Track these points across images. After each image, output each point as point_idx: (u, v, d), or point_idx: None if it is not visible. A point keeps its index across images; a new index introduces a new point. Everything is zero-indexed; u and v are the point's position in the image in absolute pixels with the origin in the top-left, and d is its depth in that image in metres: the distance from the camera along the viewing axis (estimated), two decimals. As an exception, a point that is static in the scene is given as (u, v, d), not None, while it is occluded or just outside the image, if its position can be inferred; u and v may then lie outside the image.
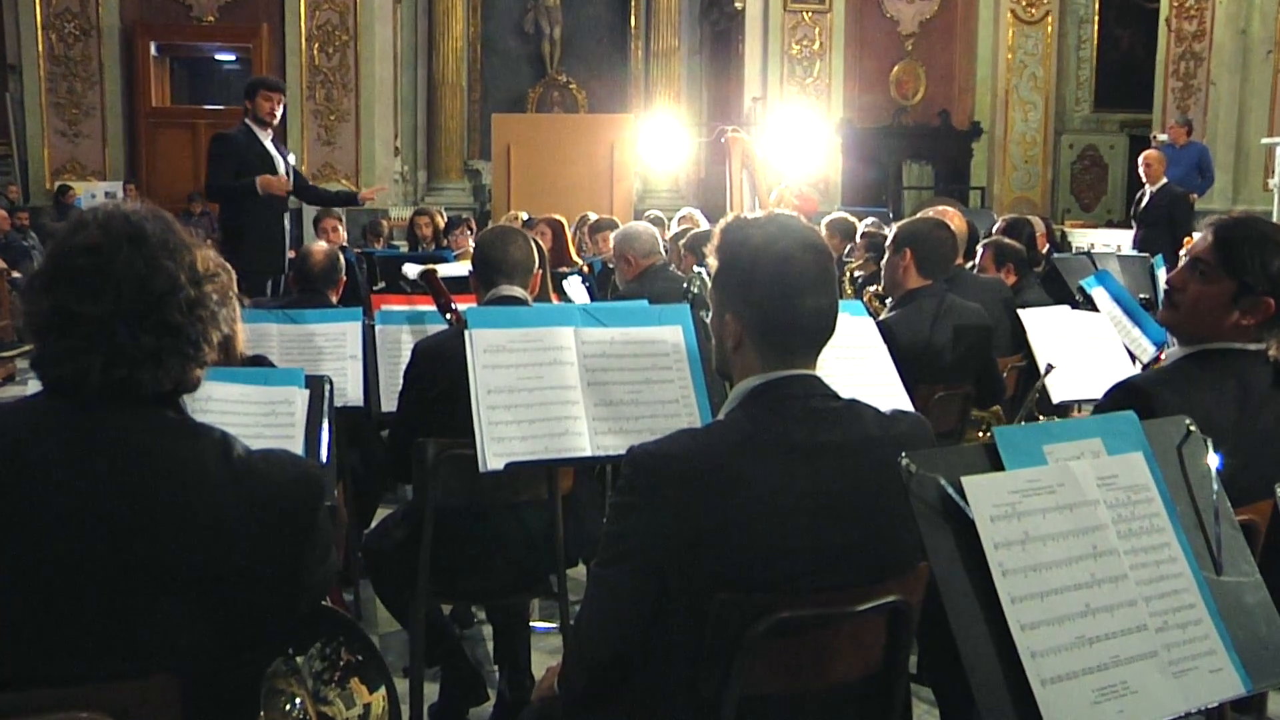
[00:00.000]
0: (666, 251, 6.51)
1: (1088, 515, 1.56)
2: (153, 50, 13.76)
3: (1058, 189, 15.61)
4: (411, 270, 5.14)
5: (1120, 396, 2.16)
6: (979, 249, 5.19)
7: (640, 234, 5.26)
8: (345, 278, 4.57)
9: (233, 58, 15.51)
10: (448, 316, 3.75)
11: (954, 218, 4.70)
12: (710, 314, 1.89)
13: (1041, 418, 3.65)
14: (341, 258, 4.56)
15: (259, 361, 2.91)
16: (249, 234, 6.30)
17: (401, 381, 3.18)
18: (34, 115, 13.35)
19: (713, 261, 1.85)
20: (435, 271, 3.97)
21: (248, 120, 6.42)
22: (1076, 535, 1.53)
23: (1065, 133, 15.60)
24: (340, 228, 8.09)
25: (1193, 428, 1.73)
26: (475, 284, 3.28)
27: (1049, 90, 15.20)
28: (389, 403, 3.64)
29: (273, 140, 6.54)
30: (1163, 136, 11.39)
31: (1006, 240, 5.32)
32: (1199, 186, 10.42)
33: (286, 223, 6.66)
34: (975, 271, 5.03)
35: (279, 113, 6.48)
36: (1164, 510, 1.63)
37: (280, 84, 6.69)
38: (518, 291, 3.18)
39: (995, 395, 3.98)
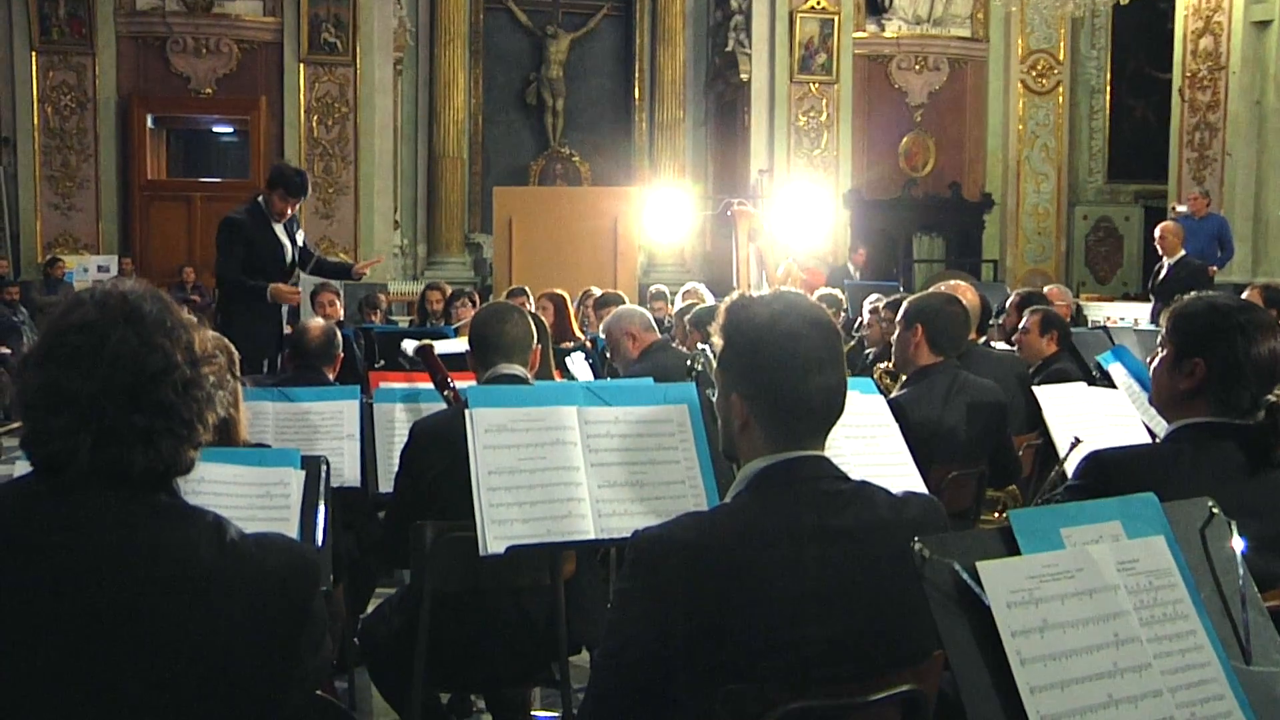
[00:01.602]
0: (671, 328, 6.54)
1: (1108, 601, 1.55)
2: (149, 122, 13.96)
3: (1072, 261, 15.71)
4: (410, 346, 5.16)
5: (1086, 469, 2.25)
6: (1025, 314, 5.22)
7: (634, 312, 5.38)
8: (342, 354, 4.60)
9: (230, 130, 15.73)
10: (445, 394, 3.76)
11: (966, 291, 4.73)
12: (716, 393, 1.90)
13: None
14: (339, 334, 4.58)
15: (259, 448, 2.92)
16: (245, 309, 6.34)
17: (398, 463, 3.19)
18: (27, 188, 13.52)
19: (717, 340, 1.87)
20: (432, 347, 3.99)
21: (260, 201, 6.48)
22: (1097, 622, 1.53)
23: (1079, 204, 15.74)
24: (338, 302, 8.15)
25: (1215, 510, 1.72)
26: (472, 363, 3.30)
27: (1061, 161, 15.38)
28: (386, 483, 3.63)
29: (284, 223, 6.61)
30: (1181, 208, 11.48)
31: (1053, 309, 5.35)
32: (1219, 260, 10.48)
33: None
34: (1016, 337, 5.06)
35: (290, 213, 6.56)
36: (1188, 596, 1.62)
37: (305, 189, 6.71)
38: (517, 370, 3.20)
39: (1011, 475, 3.97)
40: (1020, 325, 5.19)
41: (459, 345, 4.87)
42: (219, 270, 6.49)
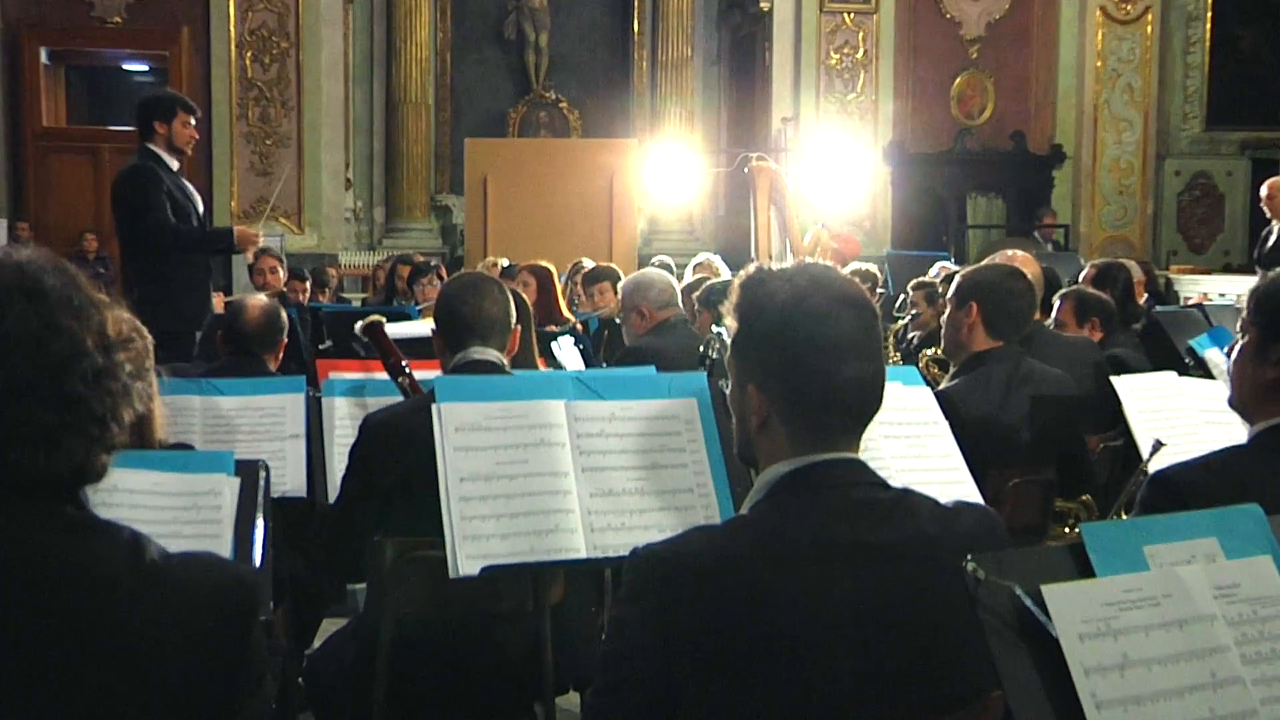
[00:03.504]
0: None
1: (1203, 634, 1.56)
2: (44, 58, 13.88)
3: (1160, 226, 15.68)
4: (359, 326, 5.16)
5: (1151, 493, 2.25)
6: (1056, 301, 5.22)
7: (655, 282, 5.42)
8: (286, 339, 4.59)
9: (145, 68, 15.69)
10: (400, 381, 3.77)
11: (1030, 263, 4.75)
12: (730, 385, 1.91)
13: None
14: (283, 313, 4.58)
15: (181, 449, 2.93)
16: (168, 283, 6.32)
17: (348, 462, 3.20)
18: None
19: (731, 322, 1.88)
20: (381, 324, 3.99)
21: (154, 148, 6.44)
22: (1189, 659, 1.53)
23: (1169, 157, 15.70)
24: (280, 269, 8.13)
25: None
26: (440, 346, 3.31)
27: (1149, 104, 15.32)
28: (336, 493, 3.64)
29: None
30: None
31: (1090, 290, 5.35)
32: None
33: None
34: (1054, 328, 5.07)
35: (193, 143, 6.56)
36: (1302, 628, 1.63)
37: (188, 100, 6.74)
38: (492, 355, 3.21)
39: (1084, 482, 3.98)
40: (1053, 316, 5.19)
41: (421, 328, 4.88)
42: (165, 227, 6.31)
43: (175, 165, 6.50)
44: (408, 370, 3.79)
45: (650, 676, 1.67)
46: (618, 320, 6.15)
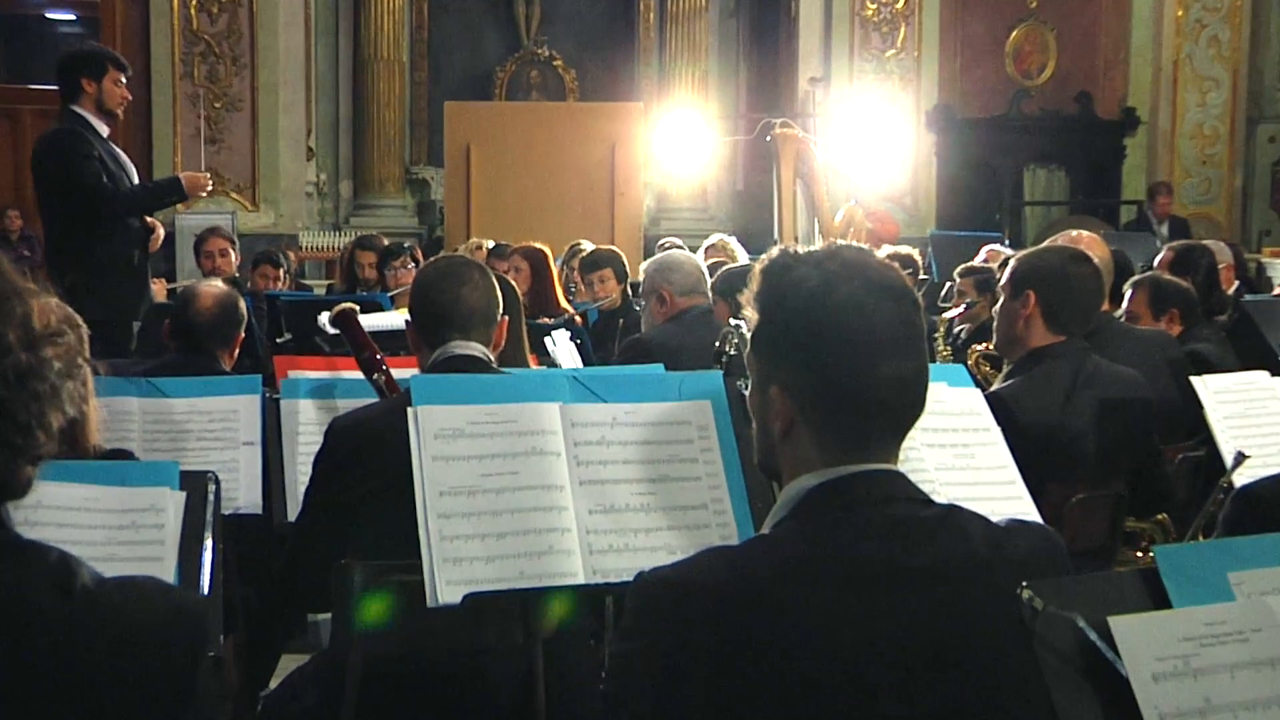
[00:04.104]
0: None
1: (1299, 674, 1.56)
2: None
3: (1251, 203, 15.63)
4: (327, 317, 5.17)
5: (1236, 511, 2.28)
6: (1127, 289, 5.22)
7: (683, 264, 5.50)
8: (243, 333, 4.60)
9: (71, 17, 15.69)
10: (375, 378, 3.77)
11: (1097, 245, 4.73)
12: (749, 386, 1.91)
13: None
14: (241, 303, 4.58)
15: (119, 456, 2.94)
16: (100, 265, 6.33)
17: (311, 472, 3.21)
18: None
19: (751, 314, 1.89)
20: (354, 311, 3.99)
21: (80, 110, 6.44)
22: (1283, 703, 1.54)
23: (1262, 121, 15.64)
24: (232, 251, 8.12)
25: None
26: (415, 341, 3.32)
27: (1239, 61, 15.26)
28: (298, 509, 3.65)
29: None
30: None
31: (1168, 277, 5.35)
32: None
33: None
34: (1126, 320, 5.06)
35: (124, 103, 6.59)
36: None
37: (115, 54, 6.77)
38: (476, 350, 3.22)
39: (1159, 498, 3.98)
40: (1124, 307, 5.18)
41: (394, 319, 4.89)
42: (89, 191, 6.32)
43: (105, 130, 6.51)
44: (384, 367, 3.79)
45: (658, 718, 1.67)
46: (638, 308, 6.17)
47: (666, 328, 5.23)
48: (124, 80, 6.51)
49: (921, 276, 8.53)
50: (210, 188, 6.70)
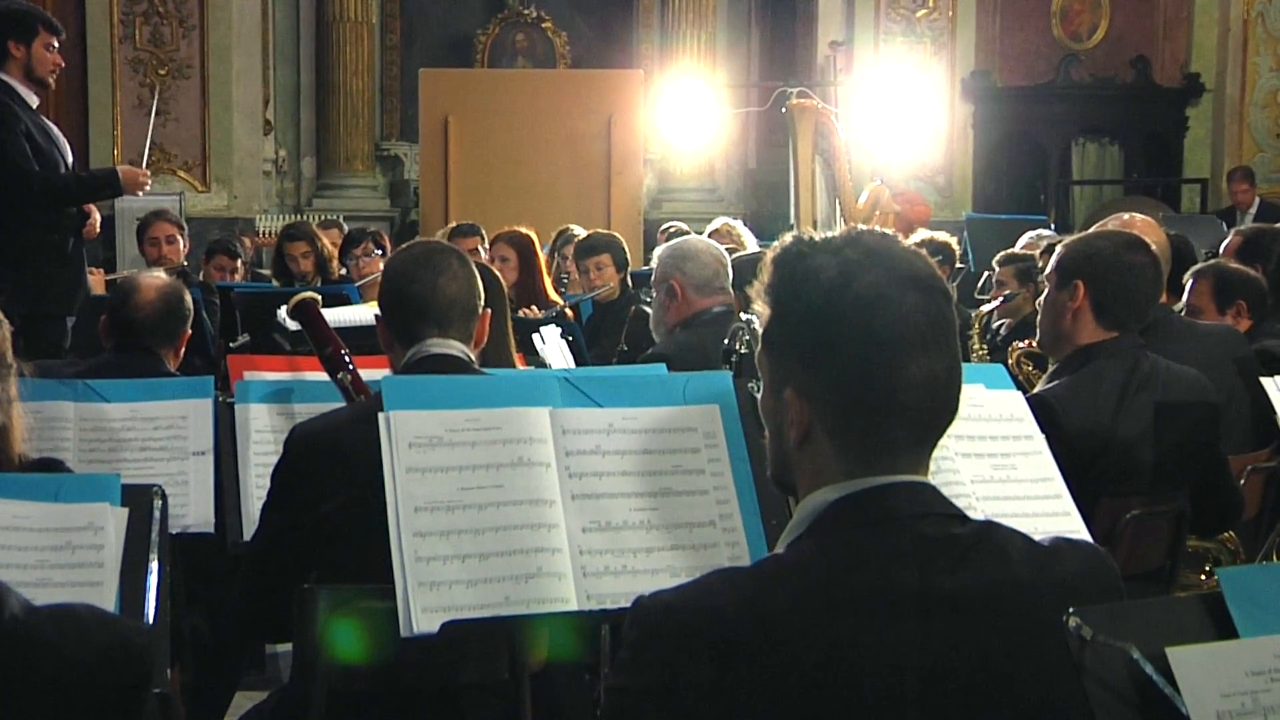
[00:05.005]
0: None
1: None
2: None
3: (1330, 181, 15.64)
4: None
5: None
6: (1188, 279, 5.22)
7: (699, 254, 5.30)
8: (190, 330, 4.60)
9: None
10: (340, 377, 3.77)
11: (1153, 230, 4.74)
12: (761, 388, 1.92)
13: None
14: (188, 296, 4.59)
15: (49, 466, 2.95)
16: (29, 255, 6.34)
17: (270, 487, 3.21)
18: None
19: (763, 308, 1.90)
20: (316, 302, 3.99)
21: (6, 78, 6.41)
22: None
23: (1344, 89, 15.65)
24: (179, 237, 8.12)
25: None
26: (387, 338, 3.32)
27: (1317, 22, 15.27)
28: (254, 526, 3.66)
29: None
30: None
31: (1234, 266, 5.35)
32: None
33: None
34: (1186, 314, 5.06)
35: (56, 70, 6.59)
36: None
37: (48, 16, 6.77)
38: (455, 348, 3.22)
39: (1227, 515, 3.99)
40: (1185, 299, 5.17)
41: (363, 313, 4.89)
42: (8, 176, 6.29)
43: (34, 101, 6.51)
44: (350, 365, 3.79)
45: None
46: (646, 302, 6.10)
47: (683, 338, 5.05)
48: (56, 44, 6.50)
49: (957, 265, 8.53)
50: (150, 186, 6.68)
